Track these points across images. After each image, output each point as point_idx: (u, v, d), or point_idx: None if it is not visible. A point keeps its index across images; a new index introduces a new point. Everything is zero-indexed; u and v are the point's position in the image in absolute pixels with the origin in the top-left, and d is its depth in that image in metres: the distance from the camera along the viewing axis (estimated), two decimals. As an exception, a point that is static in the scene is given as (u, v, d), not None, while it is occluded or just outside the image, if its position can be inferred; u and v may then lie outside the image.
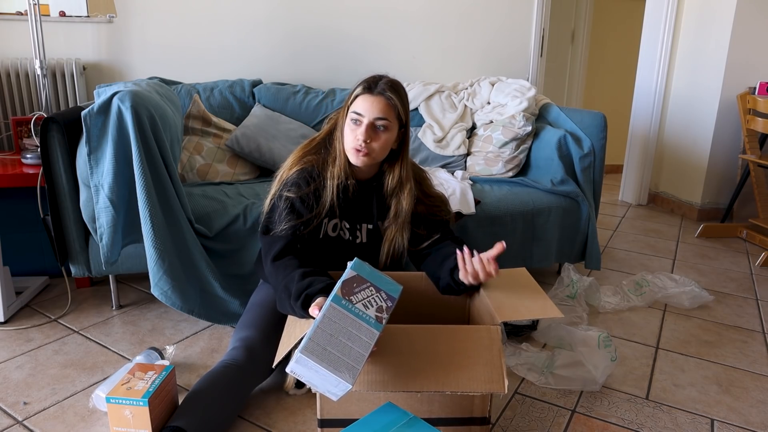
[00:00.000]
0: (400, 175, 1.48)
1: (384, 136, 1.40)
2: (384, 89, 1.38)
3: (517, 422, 1.44)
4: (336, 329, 1.10)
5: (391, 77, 1.43)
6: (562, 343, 1.74)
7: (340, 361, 1.06)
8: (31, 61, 2.52)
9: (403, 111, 1.42)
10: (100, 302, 2.09)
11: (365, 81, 1.41)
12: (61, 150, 1.77)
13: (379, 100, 1.38)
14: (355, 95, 1.40)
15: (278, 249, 1.38)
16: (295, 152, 1.51)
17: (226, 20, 2.82)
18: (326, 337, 1.08)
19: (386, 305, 1.18)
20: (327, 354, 1.06)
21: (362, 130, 1.38)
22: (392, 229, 1.49)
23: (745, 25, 3.08)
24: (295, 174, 1.44)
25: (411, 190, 1.48)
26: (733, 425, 1.46)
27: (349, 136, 1.40)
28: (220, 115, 2.53)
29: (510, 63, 3.29)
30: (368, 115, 1.37)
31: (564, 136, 2.34)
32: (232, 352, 1.43)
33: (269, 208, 1.46)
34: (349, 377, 1.05)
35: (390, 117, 1.39)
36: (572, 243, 2.27)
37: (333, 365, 1.05)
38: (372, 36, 3.04)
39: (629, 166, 3.81)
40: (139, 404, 1.24)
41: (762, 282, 2.45)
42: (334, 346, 1.07)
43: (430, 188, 1.58)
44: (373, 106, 1.37)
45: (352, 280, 1.19)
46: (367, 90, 1.39)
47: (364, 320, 1.13)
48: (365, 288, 1.19)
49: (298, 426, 1.40)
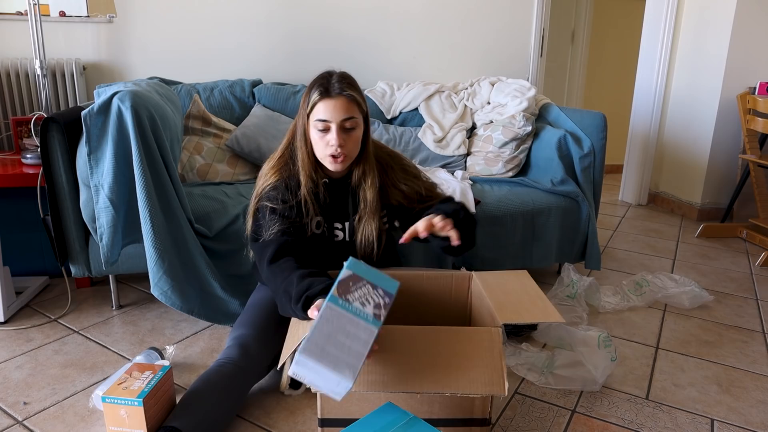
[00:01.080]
0: (364, 167, 1.47)
1: (354, 134, 1.40)
2: (342, 88, 1.36)
3: (517, 422, 1.44)
4: (334, 329, 1.10)
5: (338, 71, 1.41)
6: (562, 343, 1.74)
7: (340, 360, 1.06)
8: (31, 61, 2.52)
9: (363, 104, 1.41)
10: (100, 302, 2.09)
11: (318, 85, 1.37)
12: (61, 150, 1.77)
13: (340, 101, 1.35)
14: (312, 103, 1.37)
15: (272, 252, 1.37)
16: (262, 173, 1.49)
17: (226, 20, 2.82)
18: (324, 337, 1.08)
19: (384, 302, 1.18)
20: (326, 354, 1.06)
21: (333, 135, 1.36)
22: (361, 221, 1.48)
23: (745, 25, 3.08)
24: (269, 187, 1.44)
25: (374, 180, 1.47)
26: (733, 425, 1.46)
27: (319, 143, 1.39)
28: (220, 115, 2.53)
29: (510, 63, 3.29)
30: (335, 118, 1.35)
31: (564, 136, 2.34)
32: (226, 350, 1.43)
33: (253, 221, 1.46)
34: (349, 375, 1.05)
35: (355, 113, 1.38)
36: (572, 243, 2.27)
37: (332, 365, 1.05)
38: (372, 36, 3.04)
39: (629, 166, 3.81)
40: (134, 404, 1.24)
41: (762, 282, 2.45)
42: (332, 346, 1.07)
43: (416, 172, 1.57)
44: (336, 109, 1.35)
45: (348, 279, 1.19)
46: (324, 94, 1.36)
47: (362, 318, 1.13)
48: (362, 286, 1.19)
49: (298, 426, 1.40)
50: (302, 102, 1.41)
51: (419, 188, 1.54)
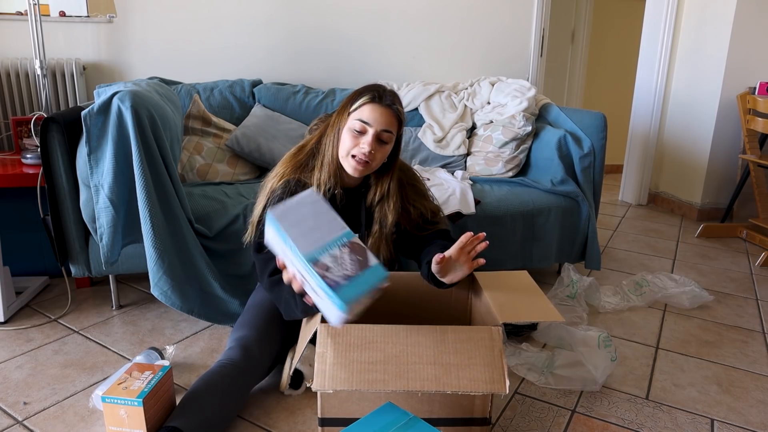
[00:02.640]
0: (389, 187, 1.47)
1: (385, 147, 1.40)
2: (392, 101, 1.38)
3: (517, 422, 1.44)
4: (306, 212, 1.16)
5: (390, 88, 1.43)
6: (562, 343, 1.74)
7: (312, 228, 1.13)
8: (31, 61, 2.52)
9: (402, 125, 1.43)
10: (100, 302, 2.09)
11: (371, 90, 1.39)
12: (61, 150, 1.77)
13: (388, 112, 1.37)
14: (360, 103, 1.38)
15: (274, 266, 1.34)
16: (284, 161, 1.49)
17: (226, 20, 2.82)
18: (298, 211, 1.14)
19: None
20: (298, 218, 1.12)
21: (368, 139, 1.36)
22: (375, 242, 1.48)
23: (745, 25, 3.08)
24: (279, 188, 1.43)
25: (396, 204, 1.48)
26: (733, 425, 1.46)
27: (349, 143, 1.38)
28: (220, 115, 2.53)
29: (510, 63, 3.30)
30: (376, 125, 1.36)
31: (564, 136, 2.34)
32: (228, 351, 1.43)
33: (258, 230, 1.44)
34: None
35: (394, 130, 1.40)
36: (572, 243, 2.27)
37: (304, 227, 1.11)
38: (372, 36, 3.04)
39: (629, 166, 3.81)
40: (133, 404, 1.24)
41: (762, 282, 2.45)
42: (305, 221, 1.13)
43: (424, 191, 1.58)
44: (382, 117, 1.36)
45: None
46: (376, 100, 1.37)
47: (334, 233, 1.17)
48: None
49: (298, 426, 1.40)
50: (346, 101, 1.41)
51: (425, 211, 1.55)
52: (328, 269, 1.08)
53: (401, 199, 1.51)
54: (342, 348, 1.19)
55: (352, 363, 1.18)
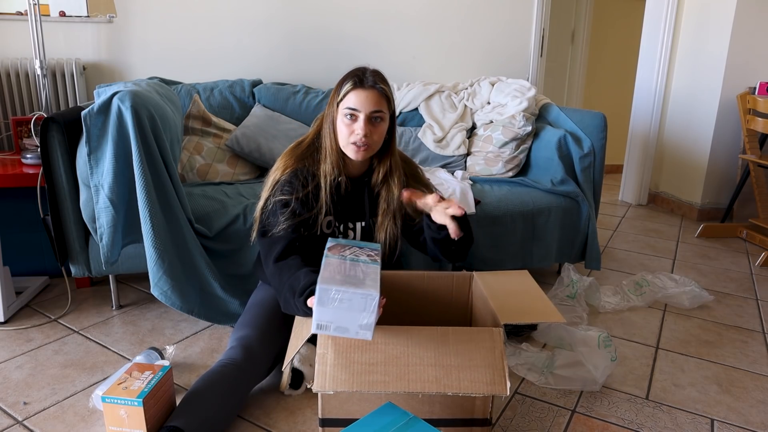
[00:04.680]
0: (390, 164, 1.50)
1: (380, 127, 1.42)
2: (375, 81, 1.40)
3: (517, 422, 1.44)
4: (338, 269, 1.16)
5: (371, 67, 1.44)
6: (562, 343, 1.74)
7: (357, 280, 1.10)
8: (31, 61, 2.52)
9: (392, 101, 1.44)
10: (100, 302, 2.08)
11: (352, 76, 1.41)
12: (61, 150, 1.77)
13: (372, 93, 1.39)
14: (345, 91, 1.40)
15: (280, 249, 1.38)
16: (285, 154, 1.51)
17: (226, 20, 2.82)
18: (333, 272, 1.13)
19: (374, 253, 1.28)
20: (342, 280, 1.10)
21: (360, 124, 1.38)
22: (384, 218, 1.51)
23: (745, 25, 3.08)
24: (287, 175, 1.45)
25: (400, 177, 1.51)
26: (733, 425, 1.46)
27: (345, 131, 1.41)
28: (220, 115, 2.53)
29: (510, 63, 3.30)
30: (364, 109, 1.38)
31: (564, 136, 2.34)
32: (229, 351, 1.43)
33: (264, 212, 1.46)
34: (372, 287, 1.08)
35: (384, 108, 1.41)
36: (572, 243, 2.27)
37: (353, 284, 1.09)
38: (372, 36, 3.04)
39: (629, 166, 3.81)
40: (134, 404, 1.24)
41: (762, 282, 2.46)
42: (344, 276, 1.12)
43: (426, 182, 1.60)
44: (368, 100, 1.38)
45: (336, 246, 1.29)
46: (358, 84, 1.39)
47: (360, 262, 1.21)
48: (349, 248, 1.29)
49: (298, 426, 1.40)
50: (333, 92, 1.43)
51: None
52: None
53: (405, 178, 1.54)
54: (342, 349, 1.19)
55: (353, 364, 1.18)
